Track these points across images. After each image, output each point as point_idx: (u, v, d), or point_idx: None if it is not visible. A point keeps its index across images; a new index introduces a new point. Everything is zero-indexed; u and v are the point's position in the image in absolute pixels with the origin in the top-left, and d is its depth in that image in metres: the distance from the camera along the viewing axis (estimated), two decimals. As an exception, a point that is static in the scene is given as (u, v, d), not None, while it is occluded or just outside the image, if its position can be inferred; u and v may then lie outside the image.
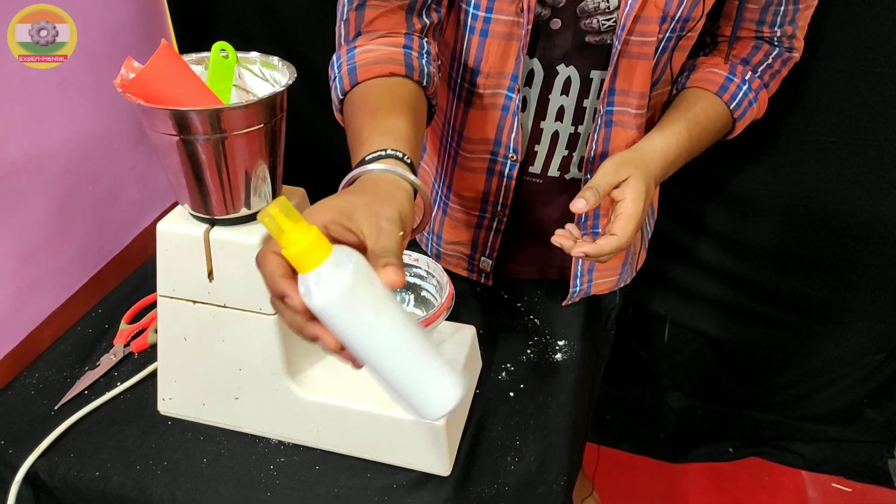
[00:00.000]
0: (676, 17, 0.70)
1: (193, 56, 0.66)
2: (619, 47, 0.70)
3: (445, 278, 0.71)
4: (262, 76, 0.67)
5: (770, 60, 0.81)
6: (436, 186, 0.91)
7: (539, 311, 0.90)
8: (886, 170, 1.17)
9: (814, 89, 1.11)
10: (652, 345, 1.56)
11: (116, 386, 0.78)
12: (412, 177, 0.54)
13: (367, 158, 0.55)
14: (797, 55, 0.83)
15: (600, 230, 0.84)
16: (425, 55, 0.69)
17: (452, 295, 0.69)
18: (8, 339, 0.95)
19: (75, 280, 1.18)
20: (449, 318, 0.70)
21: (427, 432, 0.66)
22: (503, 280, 0.93)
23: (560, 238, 0.68)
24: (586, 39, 0.73)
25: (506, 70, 0.75)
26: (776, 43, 0.80)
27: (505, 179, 0.81)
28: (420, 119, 0.65)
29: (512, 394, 0.79)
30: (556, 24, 0.72)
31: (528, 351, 0.85)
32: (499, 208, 0.84)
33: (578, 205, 0.65)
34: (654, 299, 1.49)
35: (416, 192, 0.54)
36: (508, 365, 0.82)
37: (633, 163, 0.68)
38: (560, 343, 0.86)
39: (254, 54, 0.67)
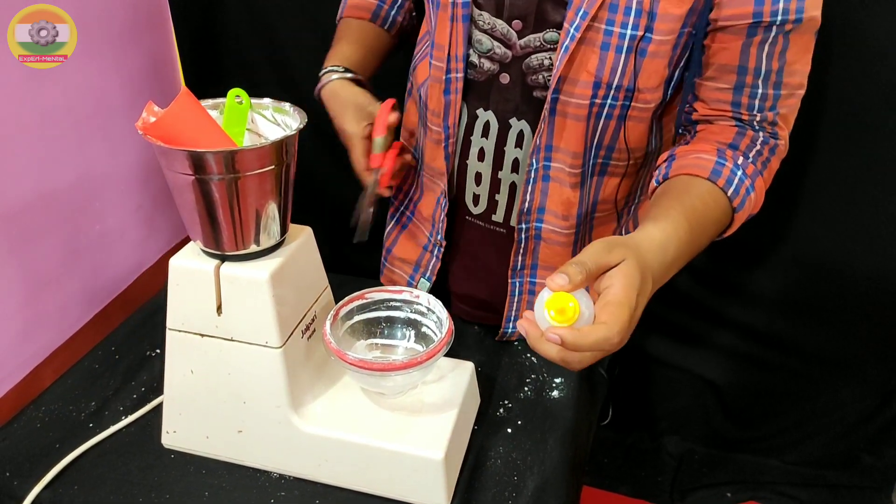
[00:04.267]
0: (612, 85, 0.71)
1: (210, 102, 0.69)
2: (548, 105, 0.74)
3: (445, 314, 0.73)
4: (274, 121, 0.70)
5: (759, 146, 0.72)
6: (400, 202, 0.98)
7: (536, 350, 0.92)
8: (882, 220, 1.20)
9: (819, 139, 1.14)
10: (650, 388, 1.57)
11: (121, 419, 0.79)
12: (352, 74, 0.87)
13: (321, 75, 0.88)
14: (783, 145, 0.74)
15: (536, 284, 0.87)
16: (396, 7, 0.94)
17: (452, 331, 0.71)
18: (13, 373, 0.97)
19: (80, 317, 1.19)
20: (448, 355, 0.72)
21: (426, 466, 0.68)
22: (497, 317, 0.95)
23: (526, 324, 0.54)
24: (534, 94, 0.77)
25: (444, 112, 0.80)
26: (757, 129, 0.72)
27: (442, 213, 0.87)
28: (372, 44, 0.93)
29: (510, 430, 0.80)
30: (505, 78, 0.77)
31: (526, 388, 0.86)
32: (438, 237, 0.89)
33: (558, 281, 0.52)
34: (652, 342, 1.51)
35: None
36: (506, 401, 0.84)
37: (628, 246, 0.55)
38: (557, 381, 0.87)
39: (266, 100, 0.70)
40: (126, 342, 0.93)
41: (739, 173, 0.68)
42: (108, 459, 0.75)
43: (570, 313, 0.51)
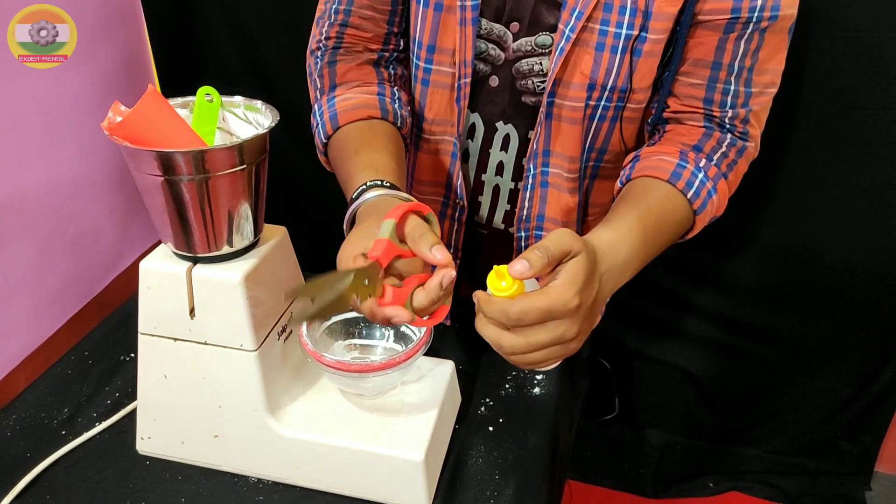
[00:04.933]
0: (607, 86, 0.70)
1: (179, 100, 0.68)
2: (544, 109, 0.72)
3: (424, 314, 0.72)
4: (246, 119, 0.69)
5: (724, 148, 0.71)
6: None
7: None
8: (857, 209, 1.21)
9: (792, 129, 1.15)
10: (630, 381, 1.58)
11: (95, 426, 0.78)
12: (399, 192, 0.62)
13: (355, 196, 0.63)
14: (752, 147, 0.73)
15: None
16: (397, 101, 0.76)
17: (431, 331, 0.70)
18: (-16, 381, 0.95)
19: (54, 322, 1.17)
20: (427, 354, 0.71)
21: (406, 468, 0.67)
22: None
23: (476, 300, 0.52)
24: (522, 99, 0.75)
25: (450, 119, 0.78)
26: (728, 127, 0.72)
27: (456, 224, 0.84)
28: (399, 151, 0.70)
29: (491, 428, 0.79)
30: (495, 81, 0.76)
31: (507, 385, 0.86)
32: (450, 251, 0.86)
33: (518, 268, 0.49)
34: (632, 336, 1.51)
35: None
36: (487, 399, 0.83)
37: (586, 241, 0.53)
38: (538, 377, 0.87)
39: (238, 98, 0.69)
40: (100, 347, 0.91)
41: (700, 175, 0.68)
42: (81, 467, 0.73)
43: (511, 286, 0.49)
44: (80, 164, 1.18)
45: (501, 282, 0.50)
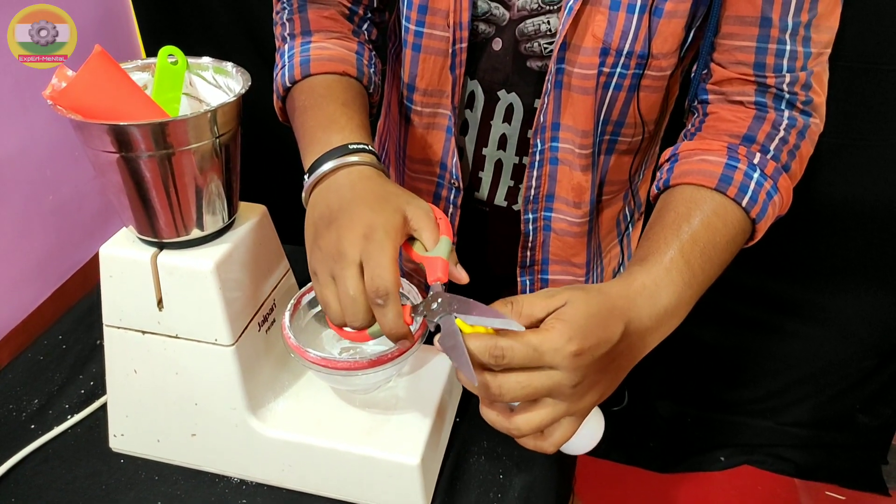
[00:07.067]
0: (622, 51, 0.61)
1: (139, 62, 0.60)
2: (551, 77, 0.63)
3: (420, 301, 0.65)
4: (216, 83, 0.61)
5: (783, 132, 0.59)
6: None
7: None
8: (881, 171, 1.14)
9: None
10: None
11: (67, 419, 0.72)
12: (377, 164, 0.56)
13: (350, 146, 0.55)
14: (817, 122, 0.62)
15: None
16: (373, 66, 0.69)
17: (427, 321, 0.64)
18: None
19: (36, 295, 1.12)
20: (427, 343, 0.65)
21: (401, 472, 0.61)
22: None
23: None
24: (528, 64, 0.66)
25: (445, 89, 0.69)
26: (787, 97, 0.60)
27: (451, 207, 0.76)
28: (368, 121, 0.64)
29: (494, 421, 0.73)
30: (498, 44, 0.66)
31: (512, 373, 0.80)
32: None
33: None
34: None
35: None
36: (490, 389, 0.77)
37: (578, 289, 0.47)
38: (546, 363, 0.81)
39: (206, 59, 0.61)
40: (75, 330, 0.85)
41: (756, 175, 0.57)
42: (50, 466, 0.68)
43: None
44: (56, 128, 1.10)
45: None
